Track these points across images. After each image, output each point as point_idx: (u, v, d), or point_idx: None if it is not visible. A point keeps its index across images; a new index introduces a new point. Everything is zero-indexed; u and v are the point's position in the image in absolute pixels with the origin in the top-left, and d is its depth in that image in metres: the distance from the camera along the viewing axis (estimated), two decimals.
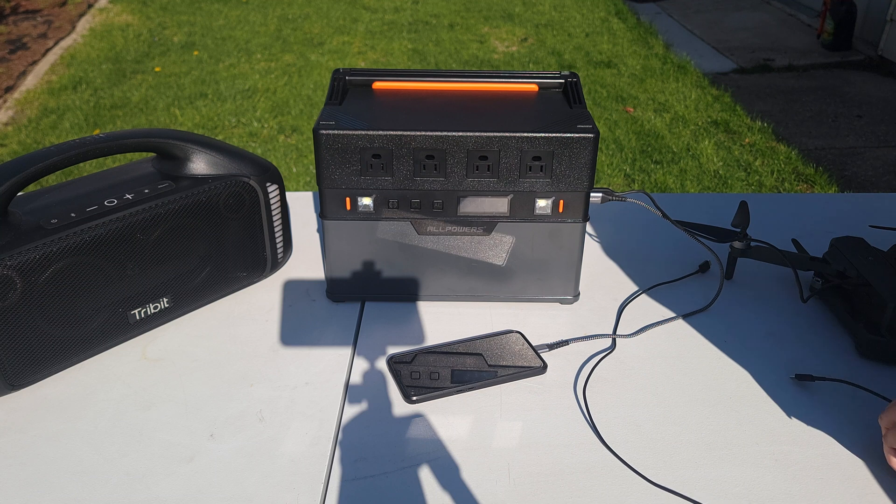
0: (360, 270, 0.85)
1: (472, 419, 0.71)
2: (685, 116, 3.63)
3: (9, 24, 4.92)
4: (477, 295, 0.87)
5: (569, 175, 0.79)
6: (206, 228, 0.81)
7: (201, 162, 0.80)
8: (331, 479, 0.65)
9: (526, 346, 0.79)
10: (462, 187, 0.80)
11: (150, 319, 0.80)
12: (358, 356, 0.79)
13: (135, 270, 0.76)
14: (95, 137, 0.74)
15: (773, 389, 0.75)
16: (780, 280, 0.93)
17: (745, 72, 4.28)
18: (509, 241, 0.83)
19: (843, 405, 0.73)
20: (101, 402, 0.73)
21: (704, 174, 3.09)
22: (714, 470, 0.66)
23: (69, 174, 2.84)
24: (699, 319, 0.86)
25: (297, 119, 3.63)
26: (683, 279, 0.92)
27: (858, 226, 1.04)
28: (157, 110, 3.75)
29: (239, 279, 0.87)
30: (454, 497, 0.63)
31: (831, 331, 0.84)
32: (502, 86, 0.89)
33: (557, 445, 0.68)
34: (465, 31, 5.00)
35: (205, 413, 0.72)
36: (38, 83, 4.11)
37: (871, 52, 4.43)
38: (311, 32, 4.98)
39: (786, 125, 3.56)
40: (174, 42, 4.77)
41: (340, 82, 0.87)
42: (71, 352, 0.75)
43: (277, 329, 0.83)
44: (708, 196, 1.13)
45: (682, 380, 0.76)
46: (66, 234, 0.70)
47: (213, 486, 0.64)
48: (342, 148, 0.77)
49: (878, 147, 3.36)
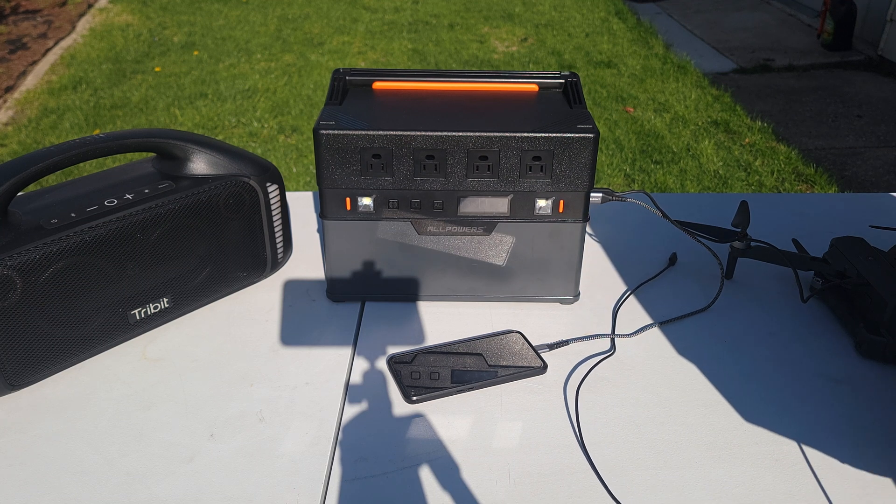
0: (360, 270, 0.85)
1: (472, 419, 0.71)
2: (685, 116, 3.63)
3: (9, 24, 4.92)
4: (477, 295, 0.87)
5: (569, 175, 0.79)
6: (206, 228, 0.81)
7: (201, 162, 0.80)
8: (331, 479, 0.65)
9: (526, 346, 0.79)
10: (462, 187, 0.80)
11: (150, 319, 0.80)
12: (358, 356, 0.79)
13: (135, 270, 0.76)
14: (95, 137, 0.74)
15: (773, 389, 0.75)
16: (780, 280, 0.93)
17: (745, 72, 4.28)
18: (509, 241, 0.83)
19: (843, 405, 0.73)
20: (101, 402, 0.73)
21: (704, 174, 3.09)
22: (714, 470, 0.66)
23: (69, 174, 2.84)
24: (699, 319, 0.86)
25: (297, 119, 3.63)
26: (659, 276, 0.92)
27: (858, 226, 1.04)
28: (157, 110, 3.75)
29: (239, 279, 0.87)
30: (454, 497, 0.63)
31: (831, 331, 0.84)
32: (502, 86, 0.90)
33: (557, 445, 0.68)
34: (465, 31, 5.00)
35: (205, 413, 0.72)
36: (38, 83, 4.11)
37: (871, 52, 4.43)
38: (311, 32, 4.98)
39: (786, 125, 3.56)
40: (174, 42, 4.77)
41: (340, 82, 0.87)
42: (71, 352, 0.75)
43: (277, 329, 0.83)
44: (708, 196, 1.13)
45: (682, 380, 0.76)
46: (66, 234, 0.70)
47: (213, 486, 0.64)
48: (342, 148, 0.77)
49: (878, 147, 3.36)
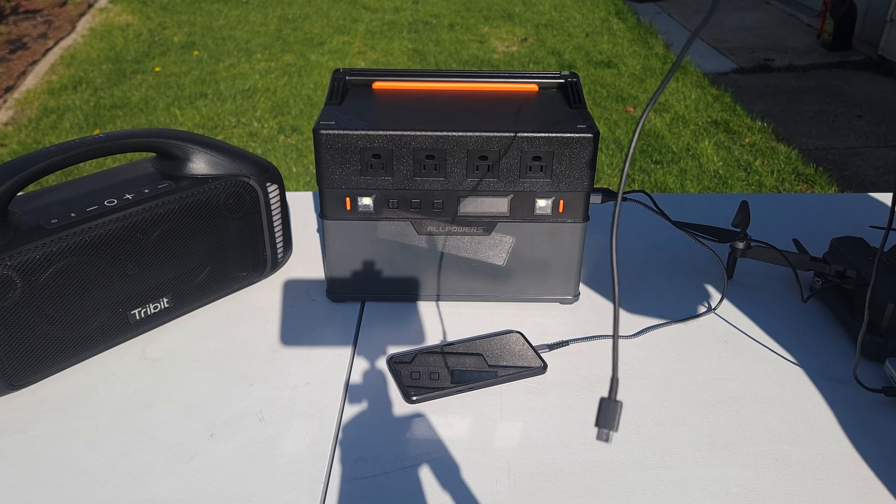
0: (360, 270, 0.85)
1: (472, 419, 0.71)
2: (685, 116, 3.63)
3: (9, 24, 4.92)
4: (477, 295, 0.87)
5: (569, 175, 0.79)
6: (206, 228, 0.81)
7: (201, 162, 0.80)
8: (331, 479, 0.65)
9: (526, 346, 0.79)
10: (462, 187, 0.80)
11: (150, 319, 0.80)
12: (358, 356, 0.79)
13: (135, 270, 0.76)
14: (96, 137, 0.74)
15: (773, 389, 0.75)
16: (780, 280, 0.93)
17: (745, 72, 4.28)
18: (509, 241, 0.83)
19: (843, 405, 0.73)
20: (101, 402, 0.73)
21: (704, 174, 3.09)
22: (714, 470, 0.66)
23: (69, 174, 2.84)
24: (699, 319, 0.86)
25: (297, 119, 3.63)
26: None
27: (858, 226, 1.04)
28: (157, 110, 3.75)
29: (239, 279, 0.87)
30: (454, 497, 0.63)
31: (831, 331, 0.84)
32: (502, 86, 0.90)
33: (557, 445, 0.68)
34: (465, 31, 5.00)
35: (205, 413, 0.72)
36: (38, 83, 4.11)
37: (871, 52, 4.43)
38: (311, 32, 4.98)
39: (786, 125, 3.56)
40: (174, 42, 4.77)
41: (340, 82, 0.87)
42: (71, 352, 0.75)
43: (277, 329, 0.83)
44: (708, 196, 1.13)
45: (682, 380, 0.76)
46: (66, 234, 0.70)
47: (213, 486, 0.64)
48: (342, 148, 0.77)
49: (878, 147, 3.36)
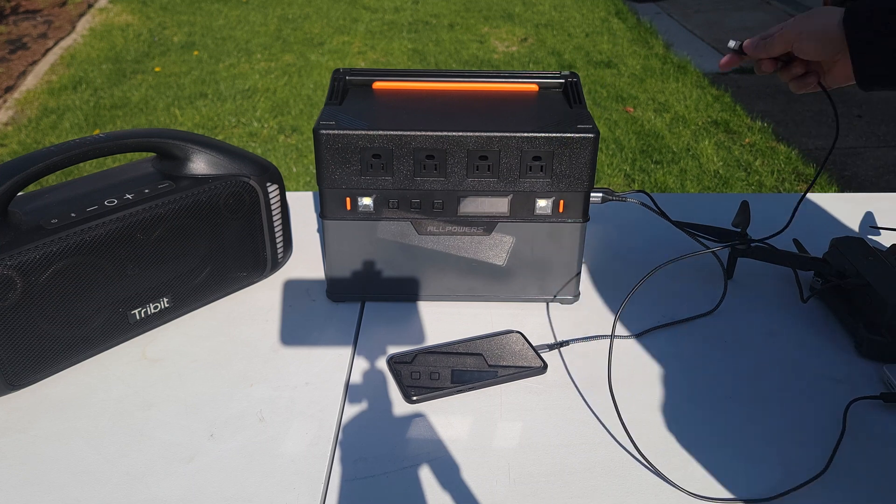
0: (360, 270, 0.85)
1: (472, 419, 0.71)
2: (685, 116, 3.63)
3: (9, 24, 4.92)
4: (477, 295, 0.87)
5: (569, 175, 0.79)
6: (206, 228, 0.81)
7: (201, 162, 0.80)
8: (331, 479, 0.65)
9: (526, 346, 0.79)
10: (462, 187, 0.80)
11: (150, 319, 0.80)
12: (358, 356, 0.79)
13: (135, 270, 0.76)
14: (96, 137, 0.74)
15: (774, 389, 0.75)
16: (781, 280, 0.93)
17: (745, 72, 4.27)
18: (509, 241, 0.83)
19: (842, 404, 0.73)
20: (101, 402, 0.73)
21: (704, 174, 3.09)
22: (714, 470, 0.66)
23: (69, 174, 2.84)
24: (699, 319, 0.86)
25: (297, 119, 3.63)
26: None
27: (858, 226, 1.04)
28: (157, 110, 3.74)
29: (239, 279, 0.87)
30: (454, 497, 0.63)
31: (831, 331, 0.84)
32: (502, 86, 0.89)
33: (557, 445, 0.68)
34: (465, 31, 5.00)
35: (205, 413, 0.72)
36: (38, 83, 4.11)
37: None
38: (311, 32, 4.98)
39: (786, 125, 3.56)
40: (174, 42, 4.77)
41: (340, 82, 0.87)
42: (71, 352, 0.75)
43: (277, 329, 0.83)
44: (708, 196, 1.13)
45: (682, 380, 0.76)
46: (66, 234, 0.70)
47: (213, 486, 0.64)
48: (342, 148, 0.77)
49: (878, 147, 3.36)
